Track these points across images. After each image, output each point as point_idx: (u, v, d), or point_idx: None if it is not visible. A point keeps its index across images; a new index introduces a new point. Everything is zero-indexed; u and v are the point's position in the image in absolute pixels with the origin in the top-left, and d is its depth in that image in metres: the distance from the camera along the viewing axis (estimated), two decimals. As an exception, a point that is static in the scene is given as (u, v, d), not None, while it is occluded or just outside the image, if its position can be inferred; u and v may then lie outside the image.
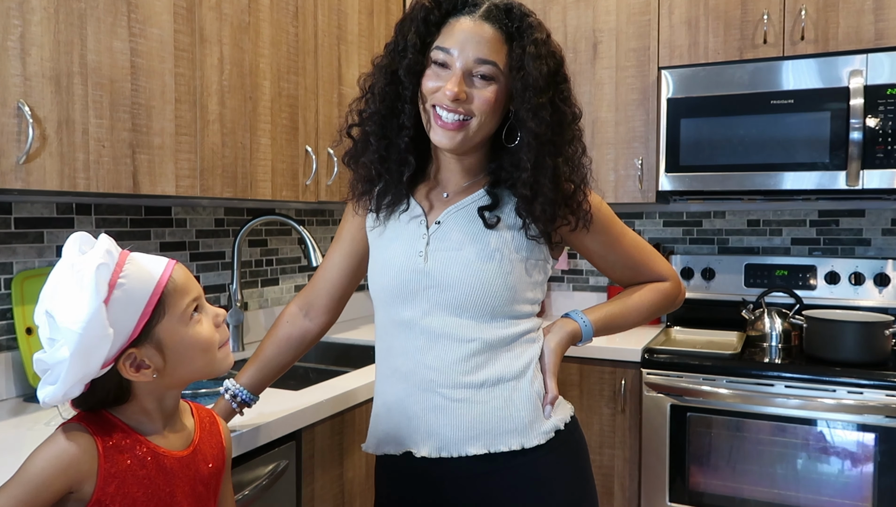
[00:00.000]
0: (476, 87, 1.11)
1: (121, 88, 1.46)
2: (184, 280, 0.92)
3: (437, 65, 1.12)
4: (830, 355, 2.11)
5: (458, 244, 1.16)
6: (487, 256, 1.15)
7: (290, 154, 1.96)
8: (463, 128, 1.12)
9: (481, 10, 1.12)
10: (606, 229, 1.25)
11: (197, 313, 0.93)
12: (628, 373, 2.23)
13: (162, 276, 0.89)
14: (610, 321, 1.28)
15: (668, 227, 2.84)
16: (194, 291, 0.93)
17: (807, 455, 2.03)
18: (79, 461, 0.85)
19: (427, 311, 1.16)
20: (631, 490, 2.25)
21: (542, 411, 1.17)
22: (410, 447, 1.18)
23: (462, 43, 1.10)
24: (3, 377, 1.58)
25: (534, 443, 1.14)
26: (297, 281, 2.54)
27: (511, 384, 1.15)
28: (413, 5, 1.16)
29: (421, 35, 1.14)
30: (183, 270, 0.94)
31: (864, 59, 2.13)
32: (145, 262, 0.90)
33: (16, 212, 1.62)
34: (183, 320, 0.90)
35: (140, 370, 0.88)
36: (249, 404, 1.30)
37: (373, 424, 1.27)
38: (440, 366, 1.15)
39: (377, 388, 1.26)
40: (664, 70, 2.39)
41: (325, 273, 1.35)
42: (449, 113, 1.11)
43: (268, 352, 1.32)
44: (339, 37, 2.17)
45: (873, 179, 2.13)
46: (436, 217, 1.20)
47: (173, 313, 0.89)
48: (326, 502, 1.61)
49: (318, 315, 1.35)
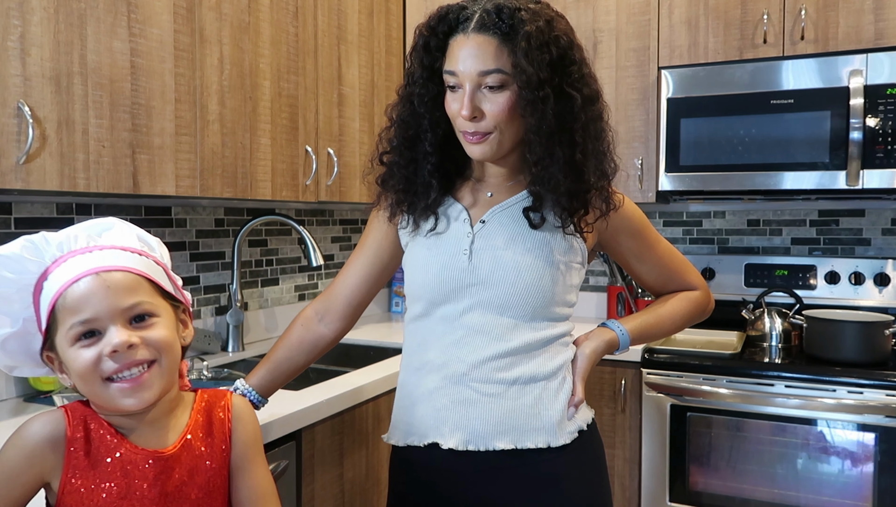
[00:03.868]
0: (488, 99, 1.12)
1: (121, 88, 1.46)
2: (77, 299, 0.85)
3: (451, 88, 1.15)
4: (830, 355, 2.11)
5: (503, 243, 1.18)
6: (532, 257, 1.16)
7: (290, 154, 1.96)
8: (486, 141, 1.14)
9: (473, 23, 1.10)
10: (642, 233, 1.30)
11: (92, 337, 0.86)
12: (628, 373, 2.23)
13: (57, 291, 0.86)
14: (646, 330, 1.33)
15: (668, 227, 2.84)
16: (88, 313, 0.85)
17: (807, 455, 2.03)
18: (43, 450, 0.85)
19: (469, 308, 1.18)
20: (631, 490, 2.25)
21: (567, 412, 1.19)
22: (437, 438, 1.18)
23: (463, 61, 1.11)
24: (3, 377, 1.58)
25: (560, 442, 1.16)
26: (297, 281, 2.54)
27: (542, 384, 1.17)
28: (414, 34, 1.19)
29: (425, 64, 1.16)
30: (92, 286, 0.86)
31: (864, 59, 2.13)
32: (66, 269, 0.88)
33: (16, 212, 1.62)
34: (68, 341, 0.86)
35: (62, 373, 0.90)
36: (258, 407, 1.29)
37: (396, 415, 1.27)
38: (475, 361, 1.16)
39: (403, 380, 1.27)
40: (664, 70, 2.39)
41: (346, 279, 1.34)
42: (470, 134, 1.14)
43: (280, 354, 1.32)
44: (339, 37, 2.17)
45: (873, 178, 2.13)
46: (480, 216, 1.22)
47: (62, 330, 0.87)
48: (326, 502, 1.61)
49: (334, 321, 1.34)
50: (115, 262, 0.90)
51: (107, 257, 0.90)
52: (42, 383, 1.59)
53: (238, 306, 2.15)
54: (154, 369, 0.88)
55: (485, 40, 1.10)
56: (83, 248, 0.91)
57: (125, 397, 0.86)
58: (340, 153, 2.16)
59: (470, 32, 1.11)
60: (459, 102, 1.12)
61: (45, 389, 1.61)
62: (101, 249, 0.92)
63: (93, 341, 0.85)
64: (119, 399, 0.86)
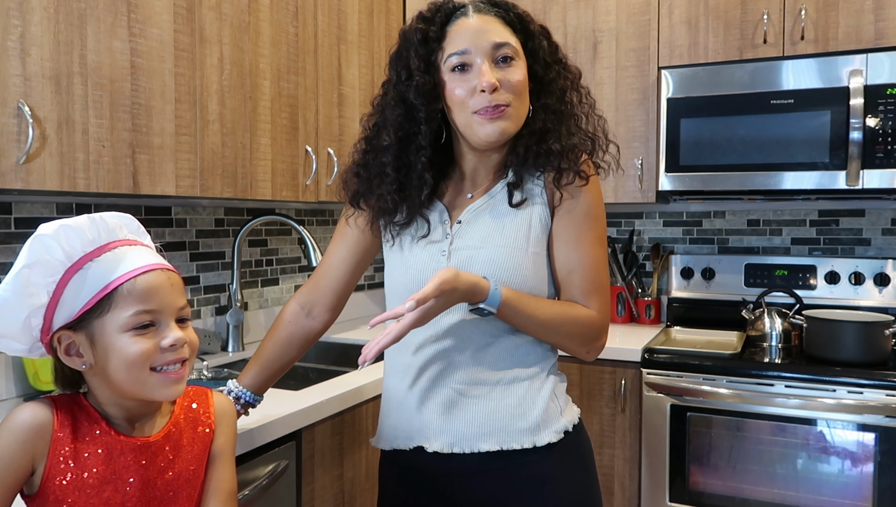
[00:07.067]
0: (502, 70, 1.14)
1: (121, 88, 1.46)
2: (147, 289, 0.90)
3: (457, 71, 1.14)
4: (830, 355, 2.11)
5: (479, 242, 1.17)
6: (507, 252, 1.15)
7: (290, 154, 1.96)
8: (506, 115, 1.14)
9: (471, 8, 1.16)
10: (583, 221, 1.17)
11: (148, 327, 0.90)
12: (628, 373, 2.23)
13: (123, 275, 0.89)
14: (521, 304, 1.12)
15: (668, 227, 2.84)
16: (154, 304, 0.90)
17: (807, 455, 2.03)
18: (34, 436, 0.87)
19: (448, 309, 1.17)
20: (631, 490, 2.25)
21: (554, 411, 1.18)
22: (422, 441, 1.18)
23: (473, 38, 1.13)
24: (3, 377, 1.58)
25: (545, 442, 1.15)
26: (297, 281, 2.54)
27: (526, 384, 1.17)
28: (404, 35, 1.19)
29: (422, 56, 1.16)
30: (160, 280, 0.92)
31: (864, 59, 2.13)
32: (129, 257, 0.91)
33: (16, 212, 1.62)
34: (122, 326, 0.89)
35: (71, 356, 0.91)
36: (253, 405, 1.30)
37: (382, 419, 1.27)
38: (457, 362, 1.16)
39: (386, 383, 1.26)
40: (664, 70, 2.39)
41: (329, 270, 1.34)
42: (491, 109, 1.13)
43: (270, 352, 1.32)
44: (339, 37, 2.17)
45: (873, 178, 2.13)
46: (458, 217, 1.22)
47: (116, 314, 0.89)
48: (326, 502, 1.61)
49: (321, 313, 1.34)
50: (163, 261, 0.96)
51: (152, 254, 0.95)
52: (42, 383, 1.59)
53: (238, 306, 2.15)
54: (187, 367, 0.95)
55: (490, 19, 1.15)
56: (128, 240, 0.94)
57: (165, 388, 0.91)
58: (340, 153, 2.16)
59: (472, 14, 1.16)
60: (476, 77, 1.13)
61: (46, 389, 1.61)
62: (144, 246, 0.96)
63: (149, 331, 0.90)
64: (159, 389, 0.91)
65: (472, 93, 1.13)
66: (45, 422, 0.88)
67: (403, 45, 1.18)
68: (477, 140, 1.16)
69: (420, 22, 1.17)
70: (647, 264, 2.87)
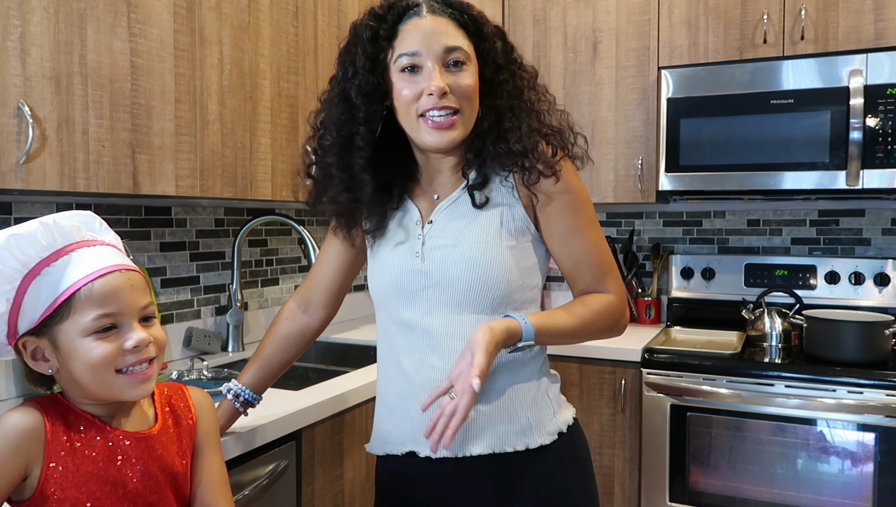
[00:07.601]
0: (452, 75, 1.11)
1: (121, 88, 1.46)
2: (105, 292, 0.89)
3: (407, 71, 1.11)
4: (830, 355, 2.11)
5: (452, 241, 1.16)
6: (481, 248, 1.14)
7: (290, 154, 1.96)
8: (455, 125, 1.11)
9: (425, 8, 1.12)
10: (575, 212, 1.16)
11: (110, 330, 0.89)
12: (628, 373, 2.23)
13: (80, 280, 0.88)
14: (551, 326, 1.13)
15: (668, 227, 2.84)
16: (114, 307, 0.89)
17: (807, 455, 2.03)
18: (27, 440, 0.86)
19: (428, 310, 1.16)
20: (631, 490, 2.25)
21: (546, 412, 1.16)
22: (413, 446, 1.17)
23: (425, 39, 1.10)
24: (3, 377, 1.58)
25: (537, 444, 1.14)
26: (297, 281, 2.54)
27: (516, 386, 1.15)
28: (354, 30, 1.16)
29: (370, 55, 1.13)
30: (119, 281, 0.90)
31: (864, 59, 2.13)
32: (86, 260, 0.90)
33: (16, 212, 1.62)
34: (83, 330, 0.88)
35: (38, 360, 0.91)
36: (253, 404, 1.30)
37: (375, 424, 1.27)
38: (445, 365, 1.14)
39: (379, 388, 1.26)
40: (664, 70, 2.39)
41: (323, 268, 1.35)
42: (439, 112, 1.10)
43: (269, 350, 1.32)
44: (339, 37, 2.17)
45: (873, 178, 2.13)
46: (428, 217, 1.21)
47: (76, 320, 0.88)
48: (326, 502, 1.61)
49: (318, 310, 1.35)
50: (123, 261, 0.94)
51: (111, 254, 0.94)
52: (42, 383, 1.59)
53: (238, 306, 2.15)
54: (154, 365, 0.94)
55: (443, 21, 1.12)
56: (87, 241, 0.93)
57: (132, 389, 0.91)
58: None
59: (425, 15, 1.12)
60: (425, 80, 1.10)
61: (45, 389, 1.60)
62: (104, 244, 0.95)
63: (110, 334, 0.89)
64: (126, 390, 0.91)
65: (419, 95, 1.10)
66: (37, 426, 0.88)
67: (352, 41, 1.15)
68: (424, 146, 1.15)
69: (371, 19, 1.13)
70: (646, 264, 2.87)
